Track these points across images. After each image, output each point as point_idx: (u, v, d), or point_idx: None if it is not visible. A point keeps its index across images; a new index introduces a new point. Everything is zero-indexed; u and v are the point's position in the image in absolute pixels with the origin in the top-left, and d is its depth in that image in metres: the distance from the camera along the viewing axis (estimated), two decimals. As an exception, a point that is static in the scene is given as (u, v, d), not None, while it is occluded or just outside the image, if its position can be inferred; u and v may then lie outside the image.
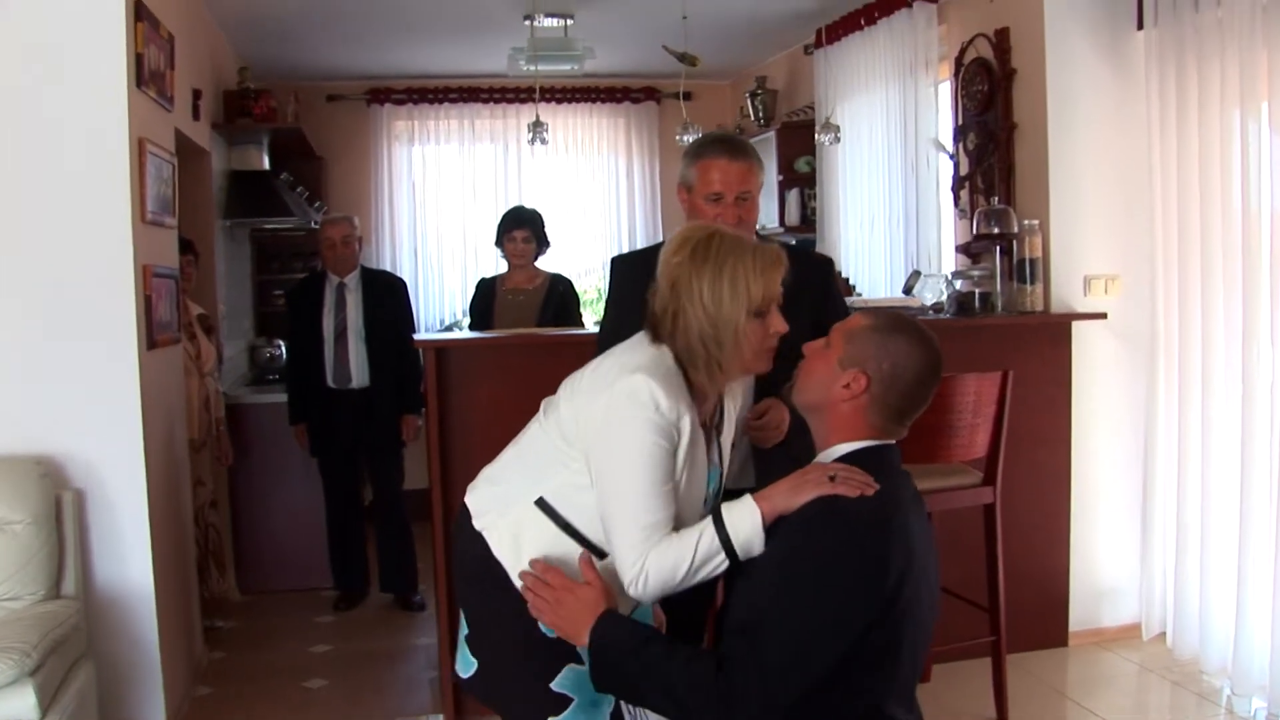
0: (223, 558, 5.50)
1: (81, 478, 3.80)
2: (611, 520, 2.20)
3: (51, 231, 3.76)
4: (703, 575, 2.16)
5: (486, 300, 5.55)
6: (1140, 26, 4.64)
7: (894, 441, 2.19)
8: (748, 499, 2.14)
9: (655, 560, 2.15)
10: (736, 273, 2.19)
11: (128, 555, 3.86)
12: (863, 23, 5.94)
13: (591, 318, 6.30)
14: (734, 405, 2.49)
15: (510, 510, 2.35)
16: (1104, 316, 4.67)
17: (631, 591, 2.20)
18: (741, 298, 2.19)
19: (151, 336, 4.03)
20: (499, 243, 5.58)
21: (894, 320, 2.19)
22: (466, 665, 2.49)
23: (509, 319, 5.39)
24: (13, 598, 3.46)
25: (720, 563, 2.15)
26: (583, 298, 6.62)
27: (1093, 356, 4.75)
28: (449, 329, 7.85)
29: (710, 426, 2.39)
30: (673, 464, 2.20)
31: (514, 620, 2.33)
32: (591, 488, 2.23)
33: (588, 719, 2.33)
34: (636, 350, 2.30)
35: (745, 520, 2.12)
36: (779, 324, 2.25)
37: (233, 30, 6.33)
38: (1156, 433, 4.65)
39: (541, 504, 2.32)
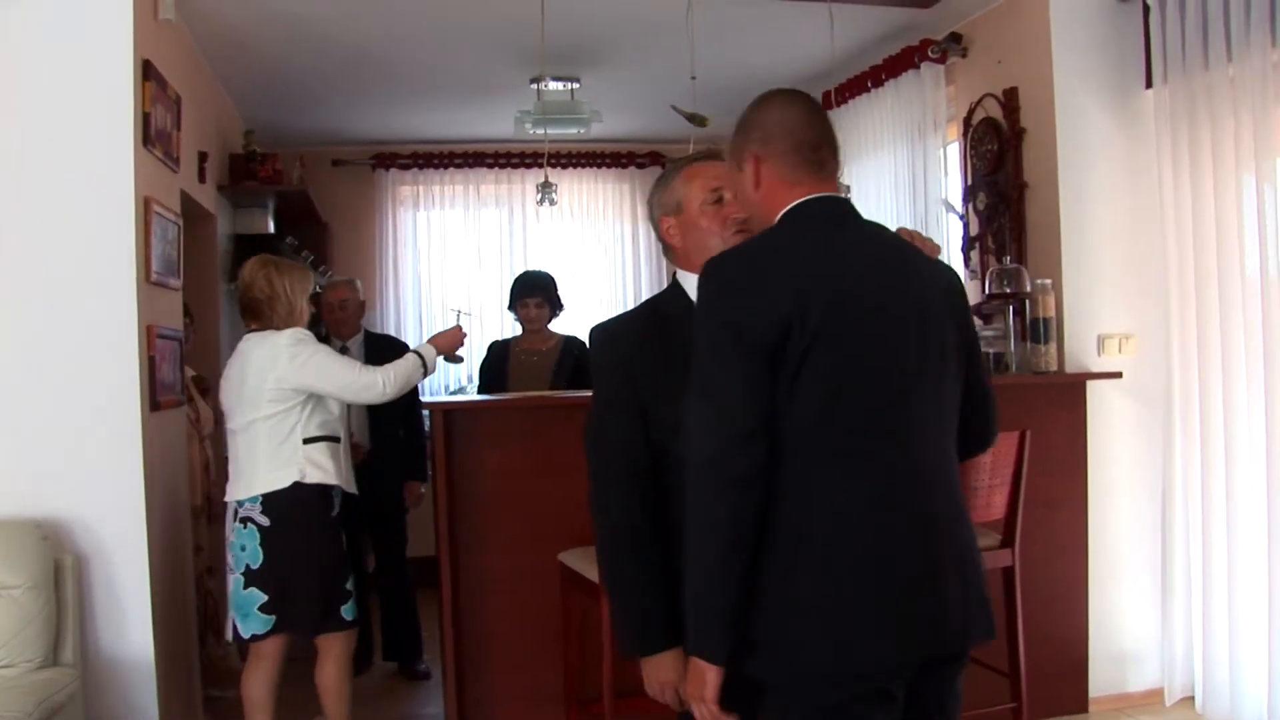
0: (220, 625, 5.39)
1: (82, 542, 3.73)
2: None
3: (55, 290, 3.74)
4: None
5: (499, 362, 5.49)
6: (1149, 85, 4.63)
7: (831, 194, 2.23)
8: None
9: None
10: None
11: (128, 622, 3.79)
12: (870, 85, 5.94)
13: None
14: None
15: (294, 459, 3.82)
16: (1119, 376, 4.62)
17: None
18: None
19: (154, 398, 3.98)
20: (512, 307, 5.54)
21: (745, 110, 2.35)
22: (263, 624, 3.82)
23: (522, 381, 5.33)
24: (8, 665, 3.37)
25: None
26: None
27: (1108, 416, 4.68)
28: (455, 394, 7.79)
29: None
30: None
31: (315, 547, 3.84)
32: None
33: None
34: None
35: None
36: None
37: (239, 94, 6.34)
38: (1174, 492, 4.57)
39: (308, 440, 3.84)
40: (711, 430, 2.01)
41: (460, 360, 4.54)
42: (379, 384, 3.92)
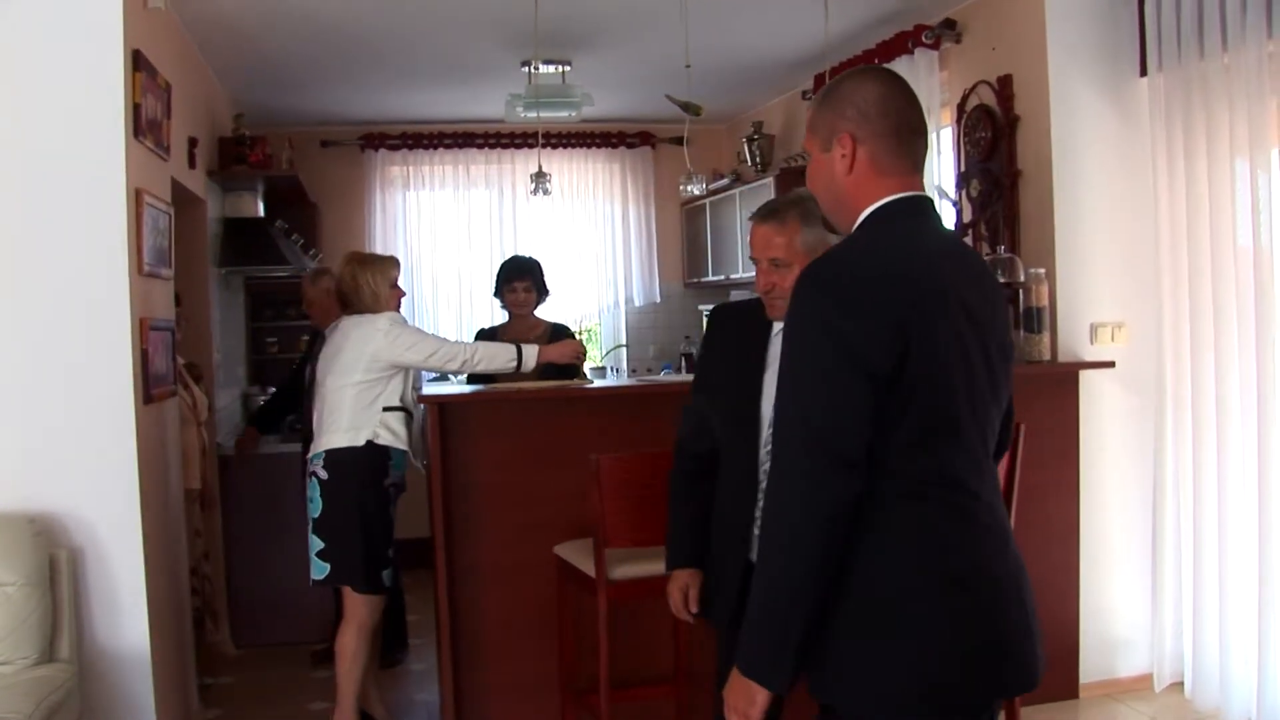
0: (217, 609, 5.40)
1: (77, 536, 3.71)
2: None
3: (47, 284, 3.70)
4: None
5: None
6: (1144, 73, 4.62)
7: (921, 193, 2.08)
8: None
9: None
10: None
11: (123, 616, 3.77)
12: (862, 69, 5.89)
13: (590, 367, 6.21)
14: None
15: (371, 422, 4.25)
16: (1112, 365, 4.63)
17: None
18: None
19: (148, 390, 3.96)
20: (498, 293, 5.50)
21: (834, 81, 2.14)
22: (321, 571, 4.22)
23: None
24: (5, 662, 3.37)
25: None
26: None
27: (1100, 405, 4.70)
28: (443, 378, 7.76)
29: None
30: None
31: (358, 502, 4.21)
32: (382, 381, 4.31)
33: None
34: None
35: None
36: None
37: (228, 77, 6.29)
38: (1165, 480, 4.60)
39: (387, 408, 4.27)
40: (808, 453, 1.87)
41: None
42: (460, 355, 4.35)
